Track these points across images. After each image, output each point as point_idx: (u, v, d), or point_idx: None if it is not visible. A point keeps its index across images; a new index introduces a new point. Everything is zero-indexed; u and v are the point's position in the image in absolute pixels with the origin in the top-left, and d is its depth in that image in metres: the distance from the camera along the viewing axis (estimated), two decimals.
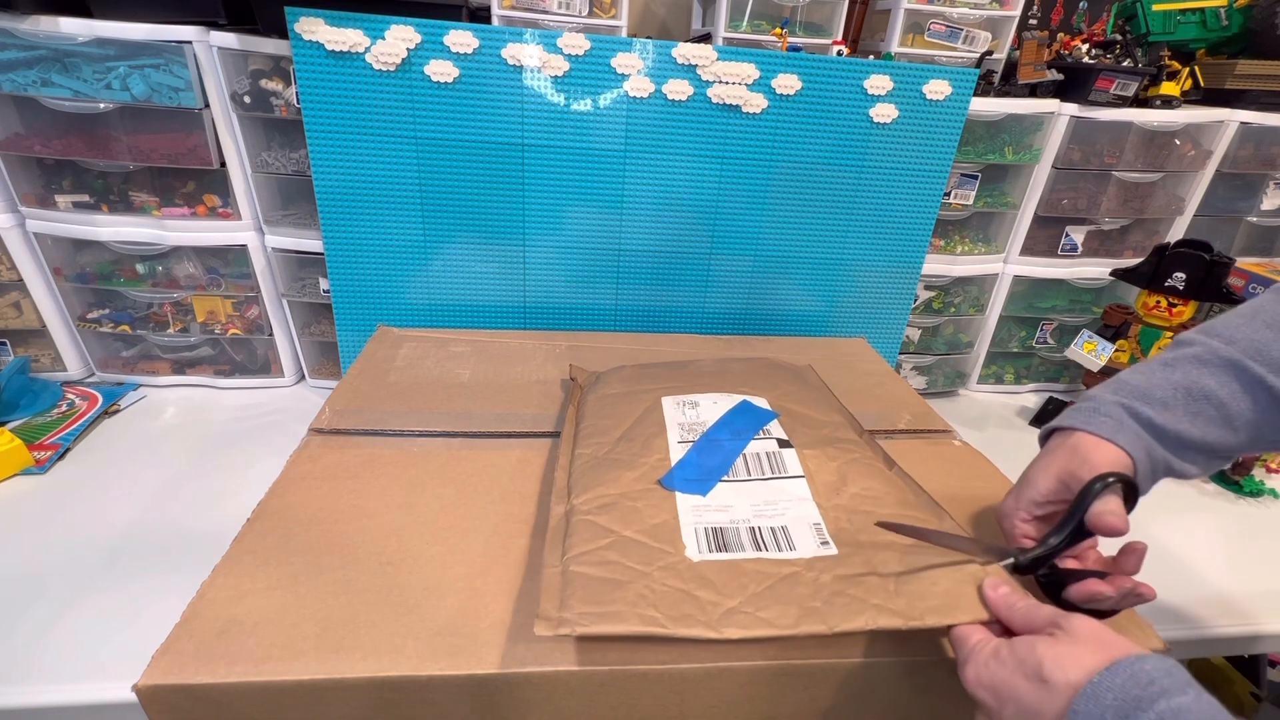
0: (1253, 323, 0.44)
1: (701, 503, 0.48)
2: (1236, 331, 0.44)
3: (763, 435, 0.55)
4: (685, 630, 0.38)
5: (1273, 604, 0.68)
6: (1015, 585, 0.40)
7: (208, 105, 0.77)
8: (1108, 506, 0.40)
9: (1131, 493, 0.42)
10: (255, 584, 0.44)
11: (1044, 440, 0.48)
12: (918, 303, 1.03)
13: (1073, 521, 0.41)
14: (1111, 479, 0.41)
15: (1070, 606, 0.41)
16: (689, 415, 0.57)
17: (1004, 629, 0.39)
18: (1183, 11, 0.95)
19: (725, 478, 0.50)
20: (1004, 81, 0.93)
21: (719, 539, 0.45)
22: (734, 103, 0.81)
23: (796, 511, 0.47)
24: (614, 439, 0.55)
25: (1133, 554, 0.42)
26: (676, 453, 0.53)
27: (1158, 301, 0.92)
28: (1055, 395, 1.11)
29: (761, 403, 0.60)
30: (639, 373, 0.67)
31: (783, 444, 0.54)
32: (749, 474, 0.51)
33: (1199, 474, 0.45)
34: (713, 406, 0.59)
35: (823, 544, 0.44)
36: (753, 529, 0.46)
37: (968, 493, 0.59)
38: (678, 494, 0.48)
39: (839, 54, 0.86)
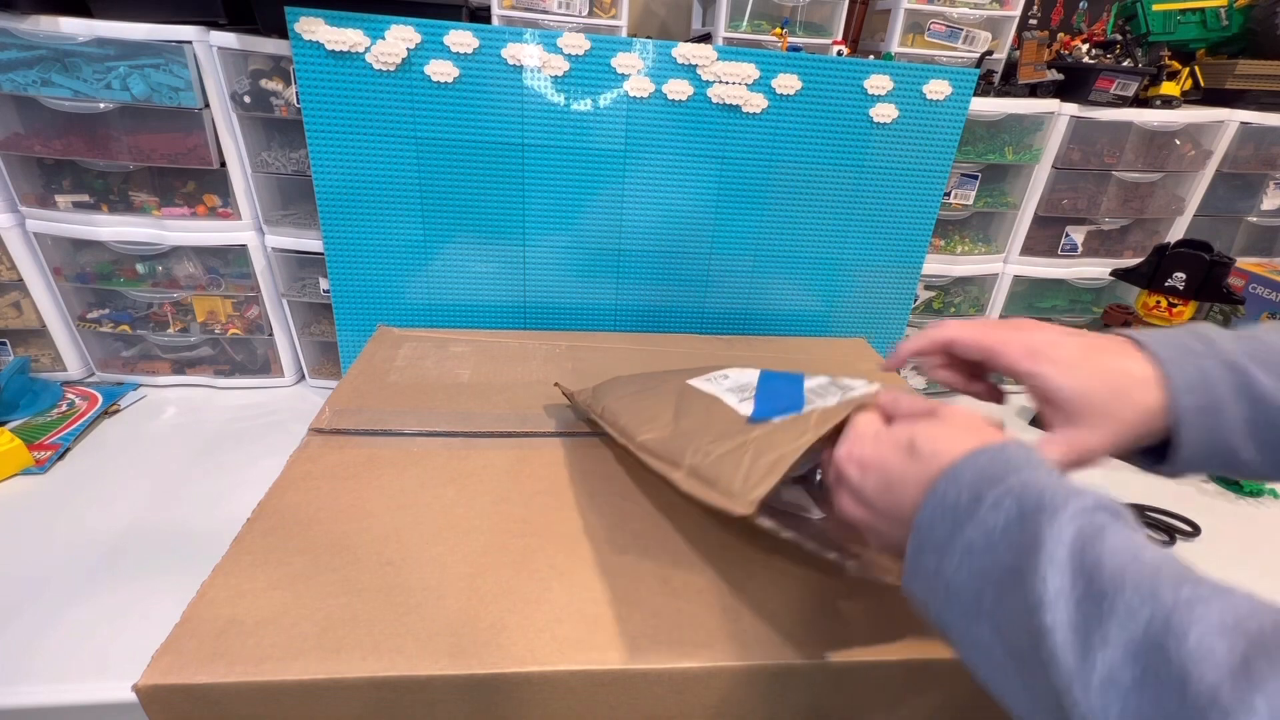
0: None
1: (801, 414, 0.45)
2: None
3: (809, 378, 0.52)
4: None
5: None
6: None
7: (208, 105, 0.77)
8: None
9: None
10: (255, 584, 0.44)
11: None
12: (918, 303, 1.03)
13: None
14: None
15: None
16: (728, 384, 0.54)
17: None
18: (1183, 11, 0.95)
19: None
20: (1004, 81, 0.93)
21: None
22: (734, 103, 0.81)
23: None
24: (670, 418, 0.52)
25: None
26: (744, 409, 0.49)
27: (1158, 301, 0.92)
28: None
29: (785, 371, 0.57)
30: (639, 377, 0.64)
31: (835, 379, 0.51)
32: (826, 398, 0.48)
33: (1253, 470, 0.35)
34: (741, 374, 0.56)
35: None
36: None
37: None
38: (775, 419, 0.45)
39: (839, 54, 0.86)
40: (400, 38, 0.74)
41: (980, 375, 0.43)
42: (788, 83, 0.81)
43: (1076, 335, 0.37)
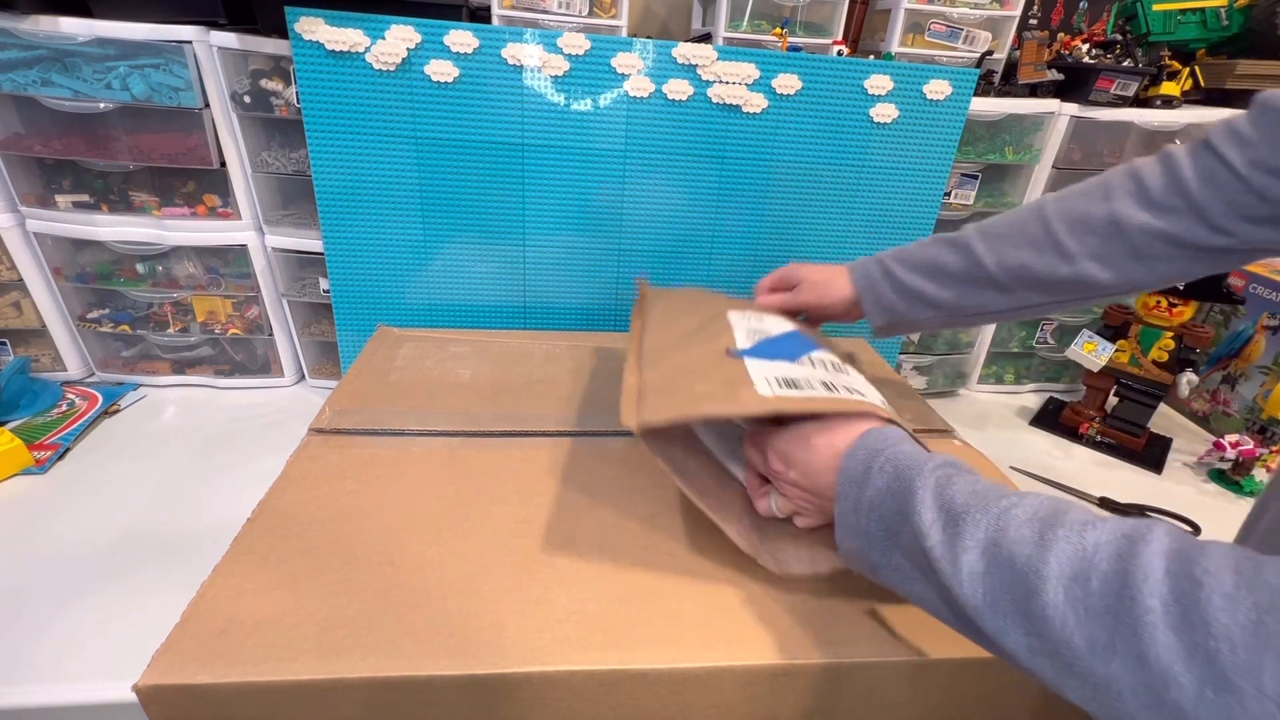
0: (1001, 219, 0.58)
1: (771, 366, 0.47)
2: (986, 224, 0.59)
3: (822, 350, 0.55)
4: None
5: None
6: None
7: (208, 105, 0.77)
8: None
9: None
10: (255, 584, 0.44)
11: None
12: None
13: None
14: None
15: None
16: (754, 324, 0.57)
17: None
18: (1183, 11, 0.95)
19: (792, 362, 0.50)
20: (1004, 81, 0.93)
21: (791, 384, 0.45)
22: (734, 102, 0.81)
23: (870, 392, 0.47)
24: (680, 334, 0.57)
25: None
26: (743, 343, 0.52)
27: (1158, 301, 0.91)
28: (1055, 395, 1.11)
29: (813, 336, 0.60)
30: (702, 294, 0.71)
31: (844, 361, 0.54)
32: (814, 367, 0.50)
33: (926, 323, 0.62)
34: (777, 324, 0.59)
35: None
36: (825, 382, 0.46)
37: None
38: (747, 360, 0.48)
39: (839, 54, 0.86)
40: (400, 38, 0.74)
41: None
42: (788, 83, 0.81)
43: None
